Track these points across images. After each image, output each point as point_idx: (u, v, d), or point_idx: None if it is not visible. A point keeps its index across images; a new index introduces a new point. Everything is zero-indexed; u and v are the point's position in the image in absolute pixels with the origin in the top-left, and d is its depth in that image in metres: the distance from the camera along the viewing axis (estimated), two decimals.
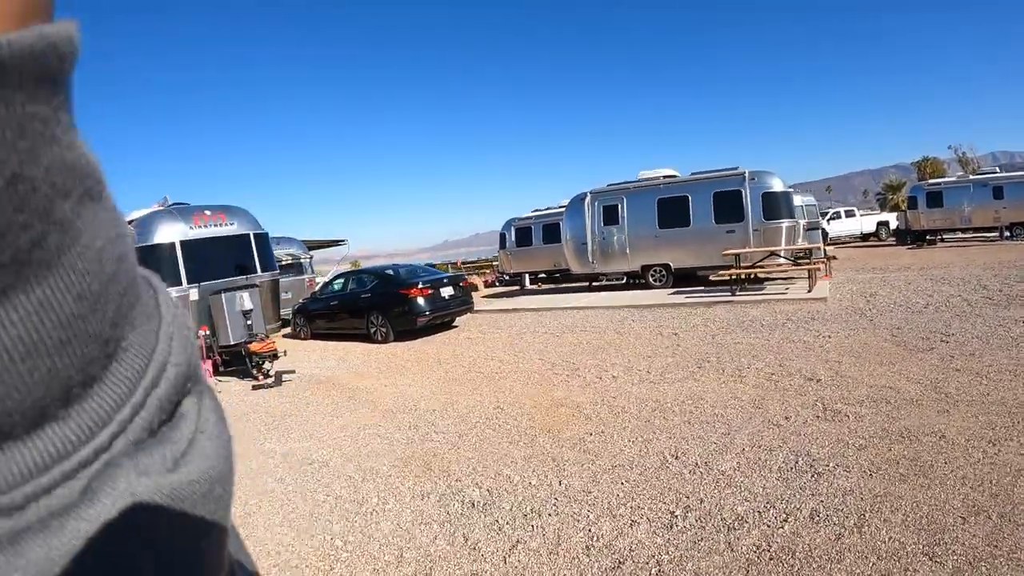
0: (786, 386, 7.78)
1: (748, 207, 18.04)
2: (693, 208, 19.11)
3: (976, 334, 9.36)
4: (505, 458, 6.10)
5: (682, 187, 19.29)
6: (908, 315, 11.46)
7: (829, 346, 9.75)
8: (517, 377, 9.57)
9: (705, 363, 9.24)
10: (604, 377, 8.97)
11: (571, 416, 7.23)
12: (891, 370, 8.07)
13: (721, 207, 18.64)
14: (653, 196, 19.65)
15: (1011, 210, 28.14)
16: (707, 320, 13.07)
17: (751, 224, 18.00)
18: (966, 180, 30.14)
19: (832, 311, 12.76)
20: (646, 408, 7.28)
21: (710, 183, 18.77)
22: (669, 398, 7.57)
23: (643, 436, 6.33)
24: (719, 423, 6.53)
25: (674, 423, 6.67)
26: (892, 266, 20.59)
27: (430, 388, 9.46)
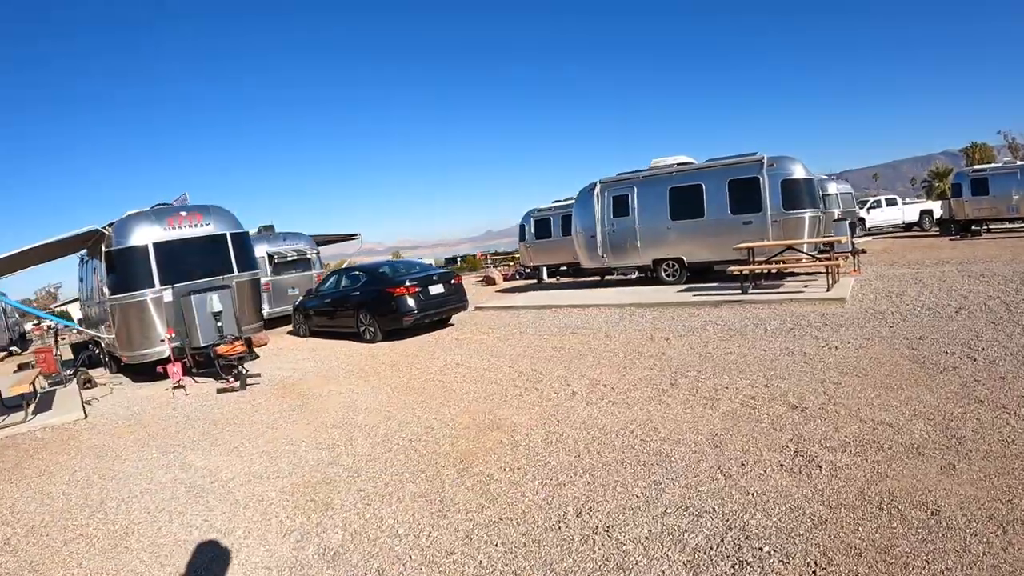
0: (761, 416, 6.54)
1: (767, 196, 16.52)
2: (707, 197, 17.72)
3: (1011, 349, 7.94)
4: (393, 496, 5.53)
5: (695, 175, 17.87)
6: (935, 322, 10.02)
7: (832, 361, 8.42)
8: (474, 388, 9.07)
9: (682, 378, 8.24)
10: (563, 393, 8.22)
11: (498, 444, 6.52)
12: (897, 398, 6.70)
13: (737, 196, 17.18)
14: (665, 185, 18.25)
15: None
16: (708, 322, 12.01)
17: (770, 215, 16.49)
18: (1014, 166, 27.94)
19: (849, 315, 11.38)
20: (586, 437, 6.41)
21: (725, 170, 17.28)
22: (619, 425, 6.66)
23: (560, 478, 5.47)
24: (658, 466, 5.47)
25: (606, 461, 5.72)
26: (929, 260, 18.91)
27: (383, 398, 9.16)
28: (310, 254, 22.27)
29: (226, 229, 13.68)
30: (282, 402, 9.69)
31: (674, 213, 18.34)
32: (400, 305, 14.25)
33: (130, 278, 12.62)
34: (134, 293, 12.56)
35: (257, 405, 9.67)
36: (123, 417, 10.12)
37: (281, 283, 20.45)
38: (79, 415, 10.30)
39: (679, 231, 18.34)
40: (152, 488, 6.52)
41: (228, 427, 8.56)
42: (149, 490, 6.47)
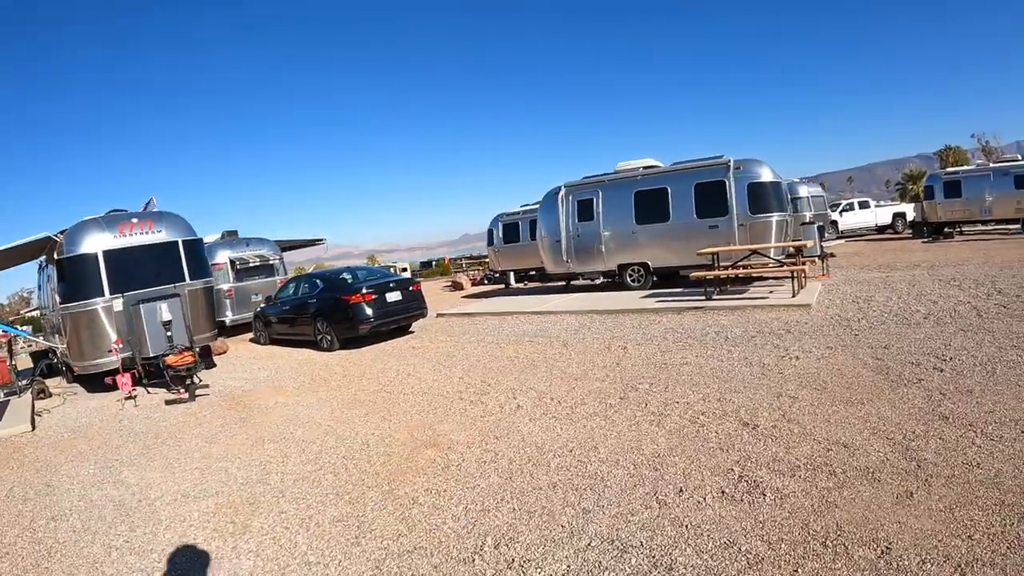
0: (709, 434, 6.05)
1: (733, 200, 16.07)
2: (673, 201, 17.23)
3: (980, 359, 7.48)
4: (313, 519, 5.27)
5: (661, 178, 17.46)
6: (902, 329, 9.56)
7: (791, 372, 7.94)
8: (420, 401, 8.76)
9: (633, 392, 7.81)
10: (508, 407, 7.86)
11: (430, 463, 6.22)
12: (856, 414, 6.21)
13: (703, 200, 16.71)
14: (630, 189, 17.87)
15: None
16: (669, 330, 11.58)
17: (736, 219, 16.04)
18: (986, 168, 27.76)
19: (813, 322, 10.92)
20: (521, 457, 6.07)
21: (691, 173, 16.87)
22: (559, 443, 6.28)
23: (486, 503, 5.12)
24: (592, 491, 5.07)
25: (538, 485, 5.35)
26: (900, 263, 18.55)
27: (327, 411, 8.88)
28: (273, 260, 21.71)
29: (178, 236, 13.37)
30: (227, 415, 9.42)
31: (639, 217, 17.91)
32: (356, 313, 13.91)
33: (80, 286, 12.36)
34: (84, 302, 12.30)
35: (201, 418, 9.41)
36: (70, 429, 9.90)
37: (244, 289, 19.99)
38: (27, 427, 10.10)
39: (644, 236, 17.85)
40: (82, 506, 6.35)
41: (168, 441, 8.34)
42: (79, 508, 6.30)
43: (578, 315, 14.69)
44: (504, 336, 13.25)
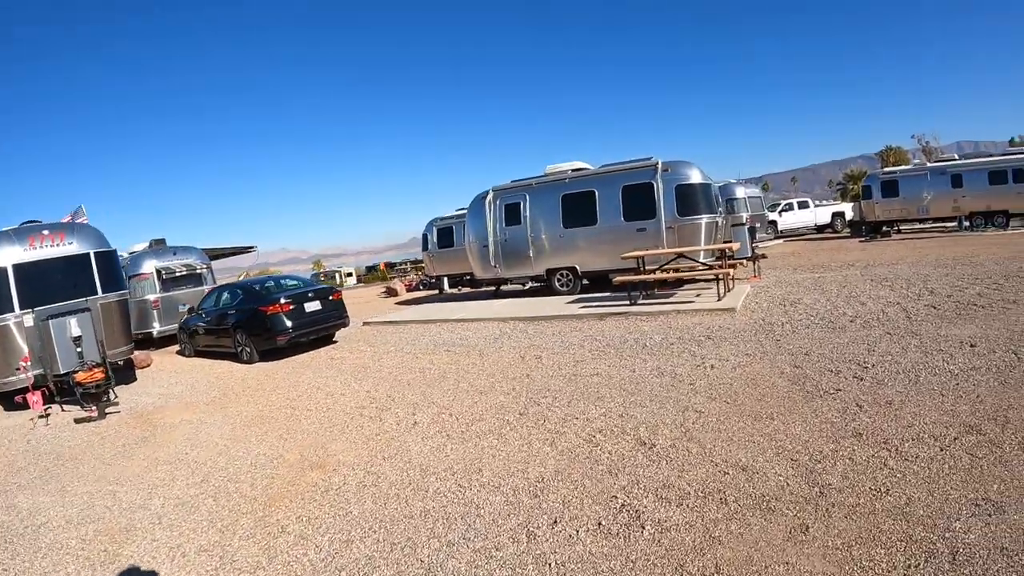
0: (602, 456, 5.55)
1: (660, 202, 15.56)
2: (600, 204, 16.71)
3: (904, 366, 7.01)
4: (180, 549, 4.96)
5: (588, 181, 17.06)
6: (826, 334, 9.08)
7: (703, 384, 7.38)
8: (320, 418, 8.33)
9: (534, 406, 7.38)
10: (405, 424, 7.49)
11: (311, 486, 5.87)
12: (763, 431, 5.64)
13: (630, 202, 16.19)
14: (558, 192, 17.40)
15: (970, 199, 26.04)
16: (588, 337, 11.10)
17: (664, 221, 15.52)
18: (923, 168, 27.97)
19: (736, 327, 10.40)
20: (403, 480, 5.72)
21: (618, 176, 16.49)
22: (444, 465, 5.91)
23: (353, 532, 4.79)
24: (463, 520, 4.70)
25: (411, 512, 4.99)
26: (835, 263, 18.26)
27: (227, 429, 8.46)
28: (200, 269, 20.86)
29: (90, 248, 12.75)
30: (131, 434, 8.97)
31: (567, 221, 17.33)
32: (274, 324, 13.37)
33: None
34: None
35: (106, 438, 8.94)
36: None
37: (170, 300, 19.02)
38: None
39: (572, 240, 17.28)
40: None
41: (68, 463, 7.91)
42: None
43: (501, 322, 14.29)
44: (423, 345, 12.79)
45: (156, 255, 19.88)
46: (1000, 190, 25.29)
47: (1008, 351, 6.97)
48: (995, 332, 7.87)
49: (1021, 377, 6.07)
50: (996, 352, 6.99)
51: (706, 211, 15.53)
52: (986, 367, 6.50)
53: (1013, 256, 15.14)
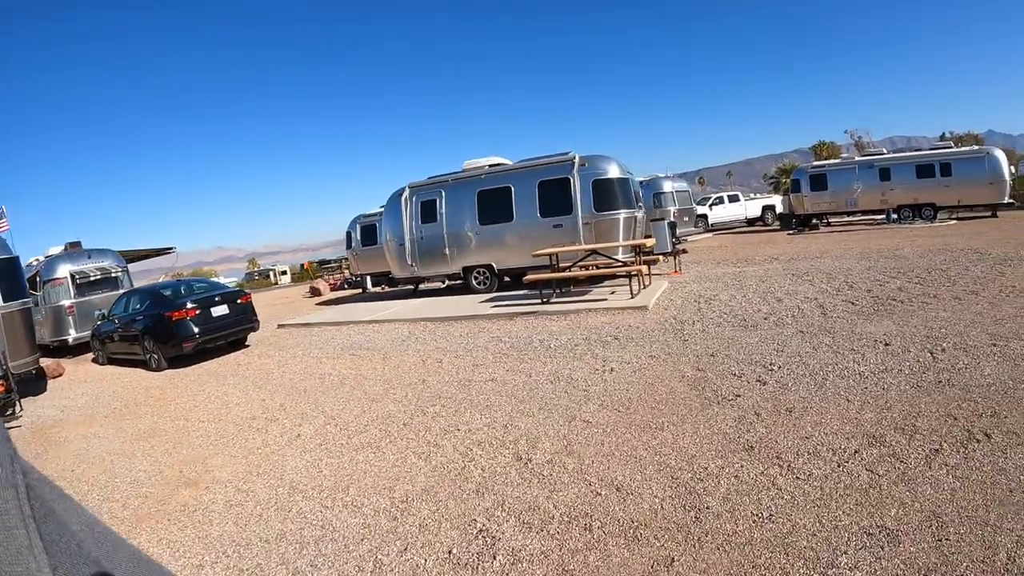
0: (474, 472, 5.19)
1: (577, 197, 15.05)
2: (516, 200, 16.12)
3: (812, 367, 6.59)
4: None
5: (504, 177, 16.53)
6: (737, 333, 8.64)
7: (599, 389, 6.90)
8: (211, 430, 7.99)
9: (420, 416, 7.02)
10: (289, 435, 7.15)
11: (182, 505, 5.59)
12: (649, 443, 5.14)
13: (547, 198, 15.65)
14: (474, 189, 16.88)
15: (898, 192, 26.21)
16: (495, 339, 10.65)
17: (581, 217, 15.01)
18: (851, 162, 28.10)
19: (646, 326, 9.89)
20: (270, 498, 5.40)
21: (535, 171, 16.04)
22: (315, 482, 5.60)
23: (205, 558, 4.49)
24: (315, 545, 4.39)
25: (266, 535, 4.69)
26: (759, 257, 17.98)
27: (119, 443, 8.04)
28: (115, 272, 19.86)
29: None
30: (25, 451, 8.27)
31: (483, 218, 16.67)
32: (179, 330, 12.83)
33: None
34: None
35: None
36: None
37: (85, 305, 18.00)
38: None
39: (488, 237, 16.68)
40: None
41: None
42: None
43: (412, 323, 13.79)
44: (330, 349, 12.33)
45: (71, 259, 18.94)
46: (927, 183, 25.53)
47: (923, 350, 6.65)
48: (912, 329, 7.57)
49: (935, 379, 5.69)
50: (910, 351, 6.66)
51: (624, 206, 15.02)
52: (898, 368, 6.15)
53: (938, 249, 15.02)
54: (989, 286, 9.63)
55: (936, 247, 15.38)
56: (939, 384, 5.56)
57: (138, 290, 16.14)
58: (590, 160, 15.25)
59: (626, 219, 14.98)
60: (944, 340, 6.91)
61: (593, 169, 15.12)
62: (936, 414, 4.90)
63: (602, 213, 14.93)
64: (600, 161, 15.26)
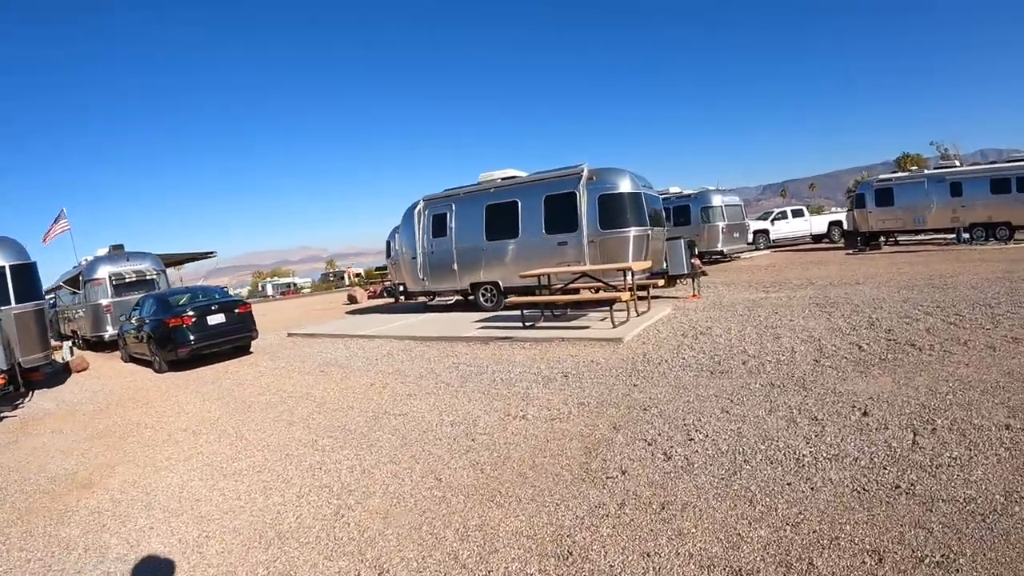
0: (284, 520, 5.06)
1: (583, 213, 14.20)
2: (522, 215, 15.38)
3: (744, 441, 5.38)
4: None
5: (511, 191, 15.92)
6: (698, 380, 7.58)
7: (489, 440, 6.36)
8: (148, 437, 8.26)
9: (307, 449, 6.91)
10: (192, 452, 7.31)
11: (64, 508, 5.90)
12: (468, 524, 4.49)
13: (553, 214, 14.87)
14: (482, 203, 16.34)
15: (970, 209, 23.94)
16: (455, 365, 10.28)
17: (586, 234, 14.09)
18: (920, 175, 26.01)
19: (609, 363, 8.97)
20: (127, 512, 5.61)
21: (542, 185, 15.30)
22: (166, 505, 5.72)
23: (30, 556, 4.82)
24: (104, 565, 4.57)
25: (96, 543, 4.99)
26: (797, 280, 16.60)
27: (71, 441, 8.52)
28: (150, 274, 21.00)
29: (6, 261, 12.99)
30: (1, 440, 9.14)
31: (490, 233, 16.02)
32: (175, 336, 13.43)
33: None
34: None
35: None
36: None
37: (123, 304, 19.08)
38: None
39: (494, 253, 15.96)
40: None
41: None
42: None
43: (398, 341, 13.58)
44: (310, 364, 12.39)
45: (110, 261, 20.25)
46: (1003, 200, 23.15)
47: (907, 427, 5.21)
48: (910, 391, 6.12)
49: (893, 482, 4.29)
50: (888, 428, 5.24)
51: (635, 223, 14.04)
52: (856, 455, 4.79)
53: (999, 277, 13.30)
54: None
55: (998, 275, 13.64)
56: (895, 491, 4.13)
57: (152, 295, 16.58)
58: (599, 173, 14.35)
59: (637, 237, 13.98)
60: (942, 413, 5.41)
61: (601, 183, 14.22)
62: (857, 548, 3.56)
63: (609, 231, 14.01)
64: (610, 175, 14.32)
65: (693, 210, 25.49)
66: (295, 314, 28.23)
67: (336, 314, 23.96)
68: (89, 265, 19.98)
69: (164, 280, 21.75)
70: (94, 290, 19.46)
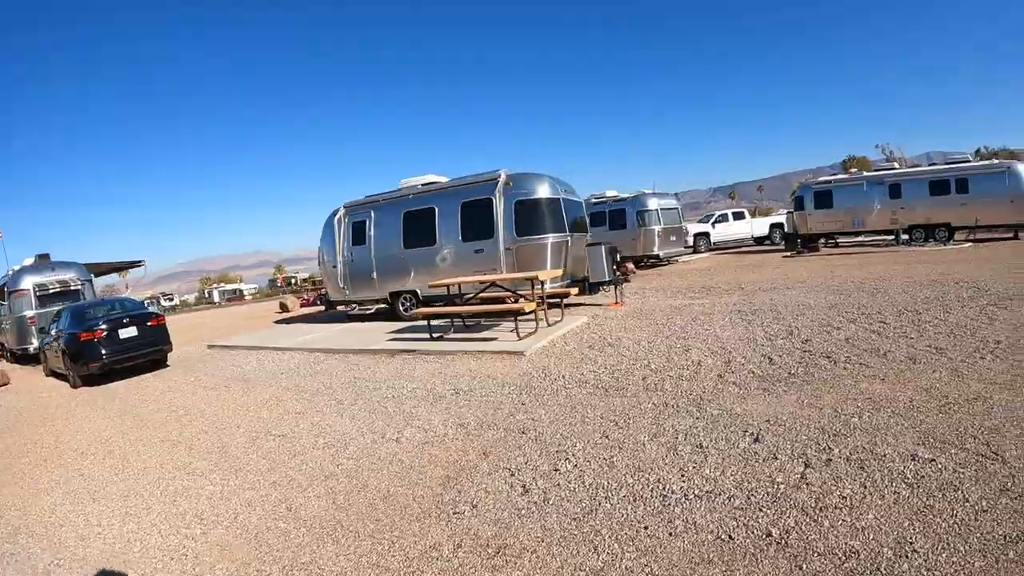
0: None
1: (499, 220, 13.85)
2: (439, 223, 15.01)
3: (620, 473, 4.85)
4: None
5: (429, 198, 15.52)
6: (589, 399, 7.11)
7: (355, 466, 6.08)
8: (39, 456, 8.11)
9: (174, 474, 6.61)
10: (73, 480, 6.91)
11: None
12: (284, 560, 3.94)
13: (469, 221, 14.55)
14: (400, 210, 15.95)
15: (909, 211, 24.16)
16: (351, 381, 9.87)
17: (502, 241, 13.70)
18: (859, 178, 26.14)
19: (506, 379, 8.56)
20: None
21: (459, 192, 14.96)
22: None
23: None
24: None
25: None
26: (727, 285, 16.28)
27: None
28: (75, 285, 20.25)
29: None
30: None
31: (408, 241, 15.63)
32: (87, 351, 12.97)
33: None
34: None
35: None
36: None
37: (47, 316, 18.34)
38: None
39: (413, 261, 15.54)
40: None
41: None
42: None
43: (311, 353, 13.11)
44: (218, 377, 12.10)
45: (35, 271, 19.62)
46: (941, 201, 23.42)
47: (798, 457, 4.66)
48: (811, 413, 5.60)
49: (767, 527, 3.76)
50: (777, 457, 4.69)
51: (553, 230, 13.71)
52: (731, 493, 4.24)
53: (933, 280, 13.10)
54: (965, 340, 7.55)
55: (932, 277, 13.51)
56: (764, 541, 3.59)
57: (68, 307, 15.96)
58: (516, 179, 14.01)
59: (555, 244, 13.65)
60: (842, 440, 4.84)
61: (518, 189, 13.88)
62: None
63: (526, 237, 13.69)
64: (527, 180, 13.98)
65: (629, 214, 25.28)
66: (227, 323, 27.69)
67: (265, 323, 23.47)
68: (13, 276, 19.39)
69: (91, 290, 21.01)
70: (18, 302, 18.86)
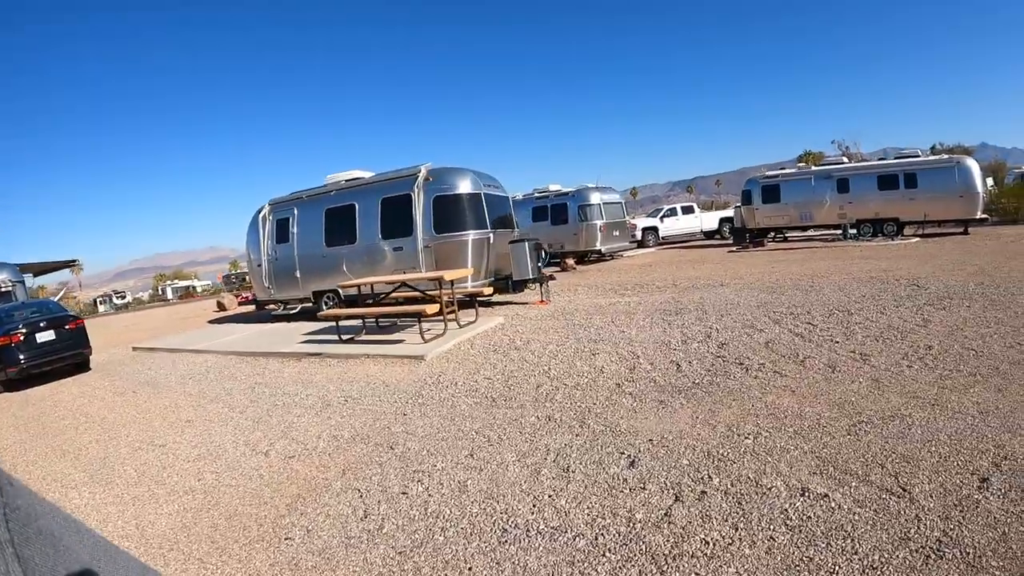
0: None
1: (418, 216, 13.53)
2: (360, 220, 14.60)
3: (468, 500, 4.50)
4: None
5: (351, 194, 15.14)
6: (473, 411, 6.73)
7: (216, 481, 5.89)
8: None
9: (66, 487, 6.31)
10: None
11: None
12: None
13: (389, 218, 14.20)
14: (322, 207, 15.58)
15: (857, 205, 24.11)
16: (253, 386, 9.65)
17: (420, 239, 13.40)
18: (807, 172, 25.89)
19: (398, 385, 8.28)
20: None
21: (380, 187, 14.60)
22: None
23: None
24: None
25: None
26: (663, 281, 15.95)
27: None
28: (5, 287, 19.63)
29: None
30: None
31: (329, 239, 15.30)
32: (4, 356, 12.48)
33: None
34: None
35: None
36: None
37: None
38: None
39: (334, 260, 15.13)
40: None
41: None
42: None
43: (224, 356, 12.87)
44: (131, 382, 11.77)
45: None
46: (890, 196, 23.29)
47: (671, 487, 4.18)
48: (703, 432, 5.11)
49: None
50: (647, 487, 4.22)
51: (474, 226, 13.43)
52: (580, 531, 3.78)
53: (873, 276, 12.76)
54: (894, 345, 7.11)
55: (872, 274, 13.20)
56: None
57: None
58: (437, 174, 13.71)
59: (476, 241, 13.34)
60: (727, 467, 4.37)
61: (438, 184, 13.58)
62: None
63: (444, 235, 13.39)
64: (448, 175, 13.67)
65: (571, 208, 24.97)
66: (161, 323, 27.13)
67: (199, 323, 22.93)
68: None
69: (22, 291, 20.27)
70: None
